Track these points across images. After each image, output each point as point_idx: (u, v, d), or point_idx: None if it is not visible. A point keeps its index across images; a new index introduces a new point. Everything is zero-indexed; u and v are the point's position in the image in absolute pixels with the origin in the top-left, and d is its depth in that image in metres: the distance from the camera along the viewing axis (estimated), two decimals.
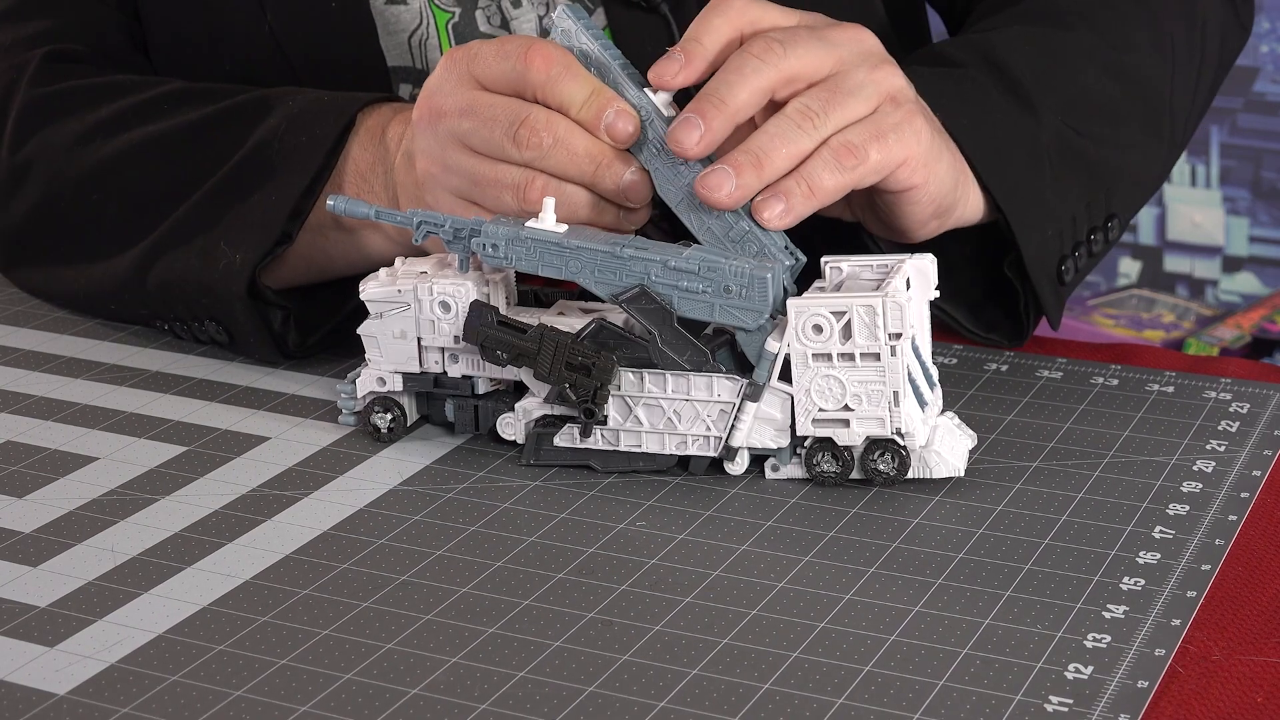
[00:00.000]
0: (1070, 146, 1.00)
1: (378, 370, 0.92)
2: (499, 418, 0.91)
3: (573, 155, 0.88)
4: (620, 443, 0.88)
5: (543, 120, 0.88)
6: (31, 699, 0.72)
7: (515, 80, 0.89)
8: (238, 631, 0.76)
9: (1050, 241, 0.99)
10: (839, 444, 0.86)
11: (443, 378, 0.91)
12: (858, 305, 0.84)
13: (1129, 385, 0.97)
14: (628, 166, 0.88)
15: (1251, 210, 2.60)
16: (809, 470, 0.87)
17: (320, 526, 0.85)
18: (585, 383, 0.87)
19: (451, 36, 1.13)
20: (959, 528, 0.82)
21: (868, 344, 0.84)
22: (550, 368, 0.87)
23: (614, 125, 0.88)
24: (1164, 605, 0.76)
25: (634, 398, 0.87)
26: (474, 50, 0.91)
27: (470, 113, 0.90)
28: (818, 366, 0.85)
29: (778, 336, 0.85)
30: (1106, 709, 0.69)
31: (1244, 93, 2.57)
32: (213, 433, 0.94)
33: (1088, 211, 1.01)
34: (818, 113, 0.87)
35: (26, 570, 0.82)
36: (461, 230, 0.89)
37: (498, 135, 0.89)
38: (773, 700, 0.70)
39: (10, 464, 0.92)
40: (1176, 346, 2.43)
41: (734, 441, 0.87)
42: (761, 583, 0.79)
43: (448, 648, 0.74)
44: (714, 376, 0.86)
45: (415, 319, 0.90)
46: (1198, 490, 0.85)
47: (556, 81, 0.88)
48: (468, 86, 0.90)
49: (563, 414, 0.89)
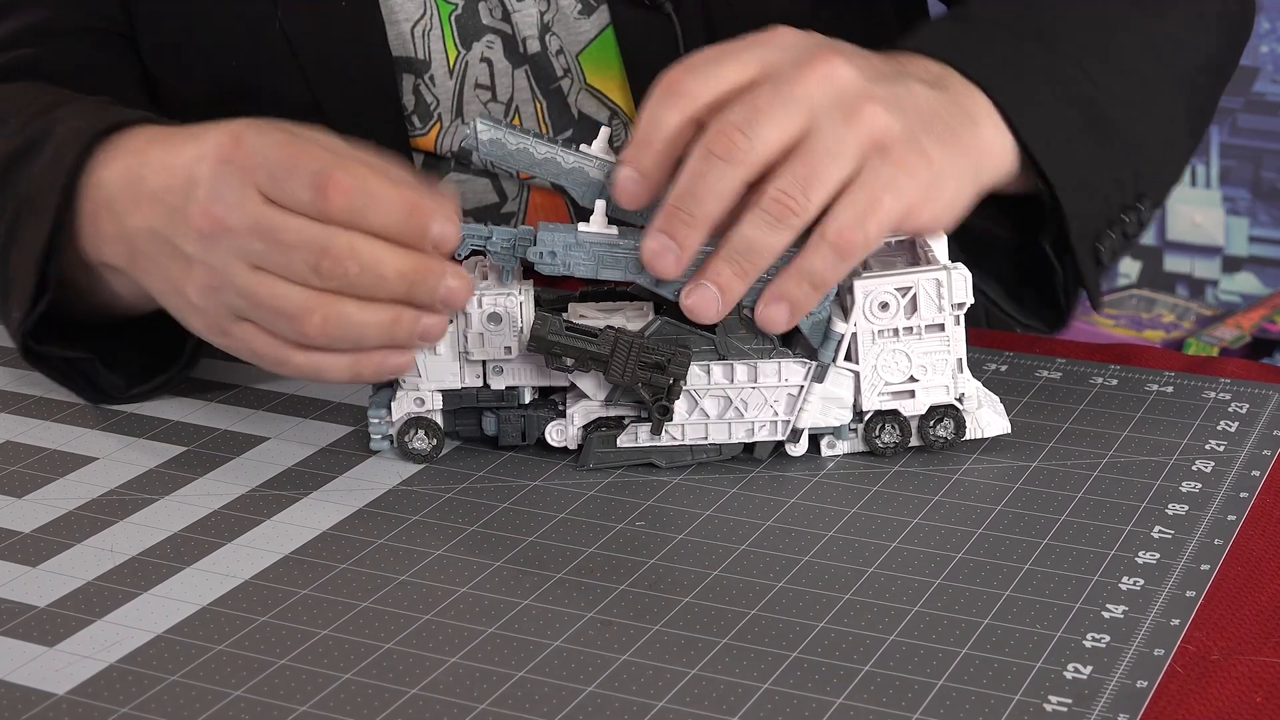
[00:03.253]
0: (1100, 111, 0.95)
1: (415, 391, 0.89)
2: (547, 425, 0.89)
3: (382, 279, 0.83)
4: (685, 436, 0.88)
5: (345, 249, 0.82)
6: (31, 699, 0.72)
7: (312, 212, 0.83)
8: (237, 631, 0.76)
9: (1090, 214, 0.93)
10: (903, 415, 0.88)
11: (483, 392, 0.89)
12: (923, 280, 0.86)
13: (1129, 385, 0.97)
14: (443, 276, 0.84)
15: (1251, 210, 2.60)
16: (868, 443, 0.88)
17: (320, 526, 0.85)
18: (659, 380, 0.86)
19: (454, 28, 1.13)
20: (959, 527, 0.82)
21: (933, 316, 0.87)
22: (624, 369, 0.85)
23: (441, 240, 0.83)
24: (1163, 605, 0.76)
25: (700, 390, 0.87)
26: (257, 160, 0.84)
27: (263, 234, 0.83)
28: (884, 342, 0.87)
29: (840, 316, 0.86)
30: (1105, 709, 0.69)
31: (1244, 93, 2.57)
32: (213, 433, 0.94)
33: (1119, 187, 0.95)
34: (797, 199, 0.81)
35: (26, 570, 0.82)
36: (510, 241, 0.86)
37: (297, 264, 0.83)
38: (772, 700, 0.70)
39: (10, 464, 0.92)
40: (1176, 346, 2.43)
41: (800, 423, 0.88)
42: (761, 583, 0.79)
43: (447, 648, 0.74)
44: (782, 361, 0.87)
45: (459, 334, 0.88)
46: (1197, 490, 0.85)
47: (362, 214, 0.83)
48: (255, 200, 0.84)
49: (617, 415, 0.88)
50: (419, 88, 1.14)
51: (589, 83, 1.14)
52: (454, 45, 1.13)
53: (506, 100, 1.15)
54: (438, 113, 1.15)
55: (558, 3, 1.12)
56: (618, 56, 1.13)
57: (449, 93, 1.14)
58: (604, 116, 1.15)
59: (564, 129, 1.15)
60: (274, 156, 0.84)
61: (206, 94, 1.14)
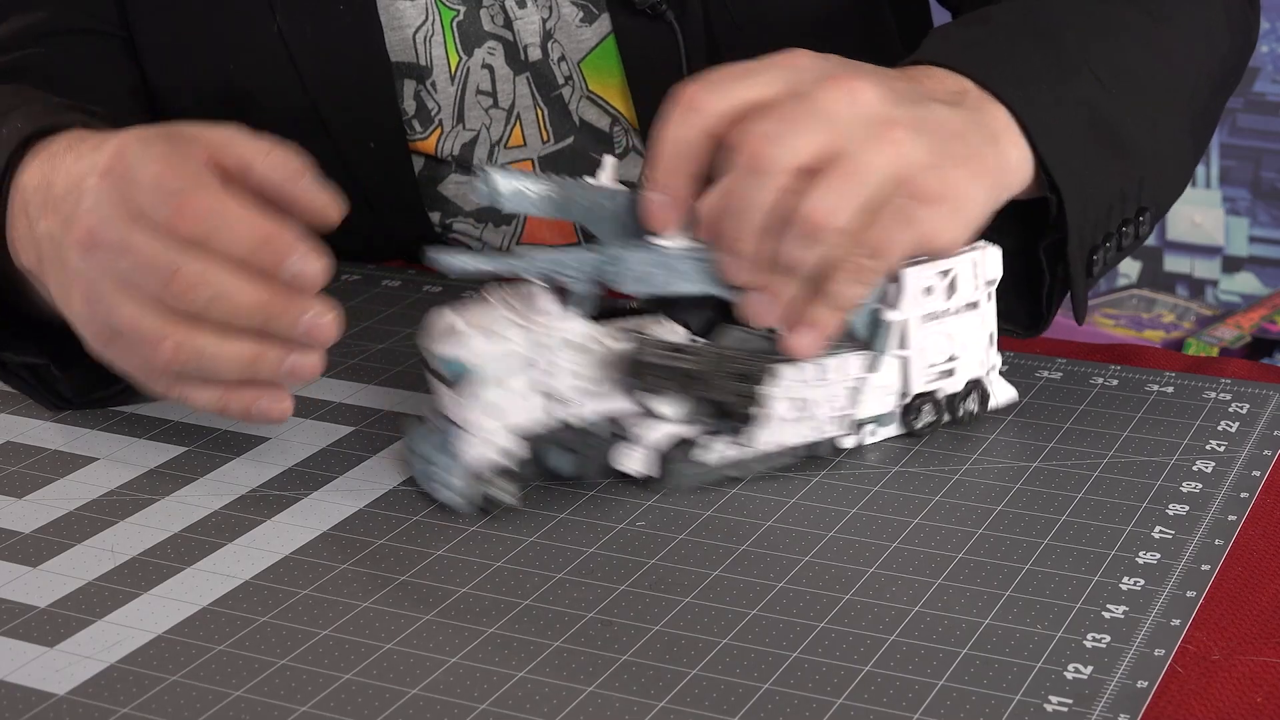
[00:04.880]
0: (1109, 123, 0.94)
1: (494, 439, 0.83)
2: (614, 451, 0.85)
3: (236, 309, 0.81)
4: (759, 442, 0.87)
5: (196, 274, 0.80)
6: (31, 699, 0.72)
7: (168, 230, 0.81)
8: (237, 631, 0.76)
9: (1091, 227, 0.93)
10: (943, 394, 0.90)
11: (562, 432, 0.84)
12: (961, 261, 0.88)
13: (1129, 385, 0.97)
14: (305, 310, 0.81)
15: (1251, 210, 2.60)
16: (907, 425, 0.90)
17: (320, 526, 0.85)
18: (745, 389, 0.85)
19: (456, 34, 1.13)
20: (959, 528, 0.82)
21: (970, 295, 0.89)
22: (716, 383, 0.84)
23: (299, 277, 0.81)
24: (1164, 605, 0.76)
25: (773, 394, 0.87)
26: (131, 175, 0.83)
27: (125, 252, 0.82)
28: (929, 326, 0.88)
29: (889, 305, 0.87)
30: (1106, 709, 0.69)
31: (1244, 93, 2.57)
32: (213, 433, 0.94)
33: (1122, 200, 0.95)
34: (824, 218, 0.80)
35: (26, 570, 0.82)
36: (589, 266, 0.83)
37: (152, 284, 0.81)
38: (773, 700, 0.70)
39: (10, 464, 0.92)
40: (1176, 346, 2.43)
41: (858, 415, 0.89)
42: (761, 583, 0.79)
43: (448, 648, 0.74)
44: (844, 355, 0.87)
45: (538, 370, 0.83)
46: (1197, 490, 0.85)
47: (213, 239, 0.81)
48: (124, 217, 0.82)
49: (690, 435, 0.86)
50: (420, 93, 1.14)
51: (590, 90, 1.14)
52: (455, 51, 1.13)
53: (508, 106, 1.15)
54: (439, 118, 1.15)
55: (559, 10, 1.12)
56: (619, 64, 1.13)
57: (450, 99, 1.14)
58: (605, 124, 1.15)
59: (565, 136, 1.15)
60: (145, 173, 0.82)
61: (204, 98, 1.13)
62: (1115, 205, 0.94)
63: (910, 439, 0.90)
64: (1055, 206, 0.91)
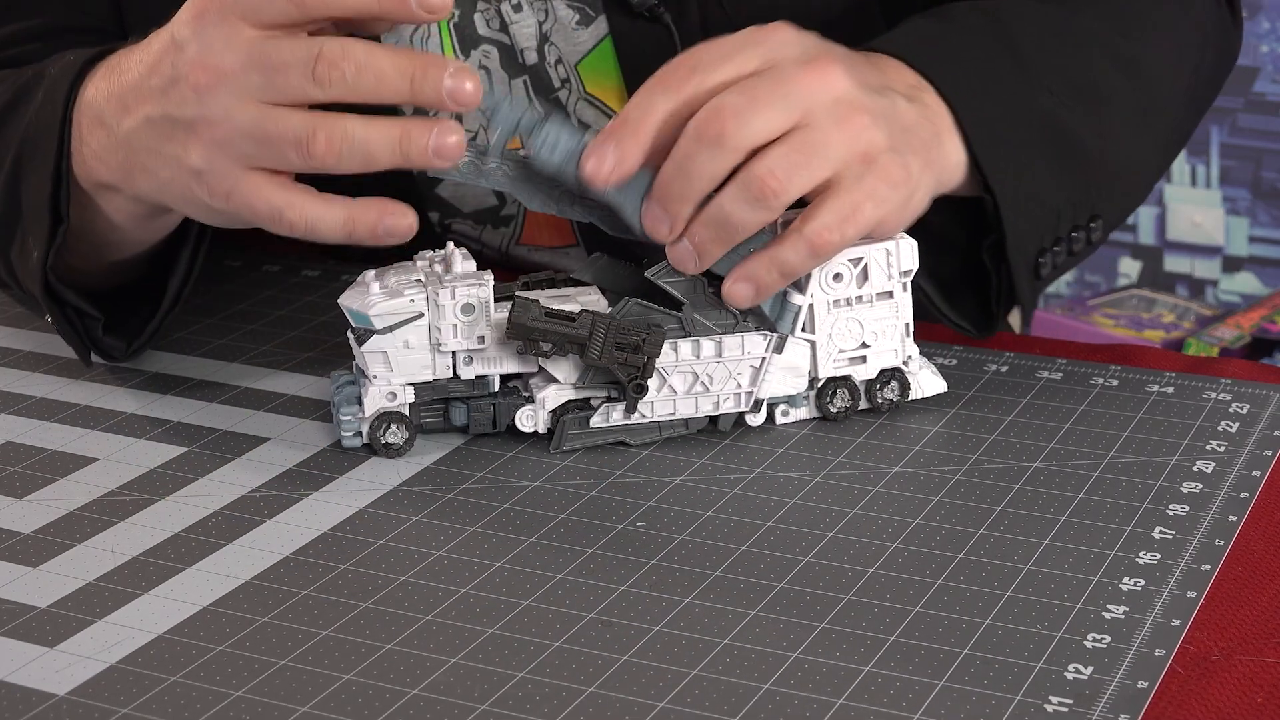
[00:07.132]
0: (1063, 132, 0.98)
1: (387, 385, 0.90)
2: (517, 411, 0.91)
3: (381, 76, 0.82)
4: (654, 413, 0.90)
5: (338, 51, 0.82)
6: (31, 699, 0.72)
7: (292, 13, 0.83)
8: (238, 632, 0.76)
9: (1033, 230, 0.97)
10: (855, 380, 0.91)
11: (454, 383, 0.91)
12: (873, 250, 0.90)
13: (1129, 386, 0.97)
14: (445, 69, 0.82)
15: (1251, 210, 2.60)
16: (820, 409, 0.92)
17: (320, 527, 0.85)
18: (634, 359, 0.88)
19: (454, 36, 1.13)
20: (959, 528, 0.82)
21: (883, 284, 0.91)
22: (601, 350, 0.87)
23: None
24: (1164, 605, 0.76)
25: (668, 367, 0.89)
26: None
27: (257, 64, 0.83)
28: (838, 312, 0.90)
29: (798, 289, 0.89)
30: (1106, 709, 0.69)
31: (1244, 93, 2.57)
32: (213, 433, 0.94)
33: (1072, 207, 0.98)
34: (780, 181, 0.84)
35: (26, 571, 0.82)
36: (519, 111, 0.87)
37: (295, 80, 0.82)
38: (773, 700, 0.70)
39: (10, 465, 0.92)
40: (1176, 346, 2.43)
41: (761, 394, 0.91)
42: (761, 583, 0.79)
43: (448, 648, 0.74)
44: (745, 335, 0.90)
45: (430, 326, 0.89)
46: (1198, 490, 0.85)
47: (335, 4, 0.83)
48: (240, 36, 0.83)
49: (585, 397, 0.90)
50: None
51: (588, 92, 1.14)
52: (453, 53, 1.13)
53: None
54: None
55: (556, 13, 1.12)
56: (616, 66, 1.13)
57: None
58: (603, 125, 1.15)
59: None
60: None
61: None
62: (1064, 210, 0.98)
63: (911, 439, 0.91)
64: (991, 206, 0.95)
